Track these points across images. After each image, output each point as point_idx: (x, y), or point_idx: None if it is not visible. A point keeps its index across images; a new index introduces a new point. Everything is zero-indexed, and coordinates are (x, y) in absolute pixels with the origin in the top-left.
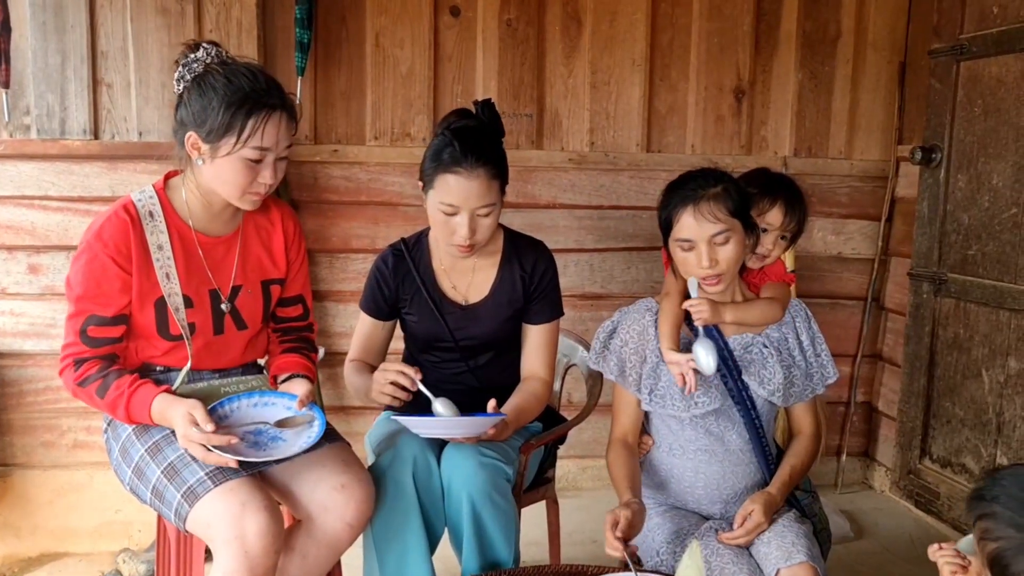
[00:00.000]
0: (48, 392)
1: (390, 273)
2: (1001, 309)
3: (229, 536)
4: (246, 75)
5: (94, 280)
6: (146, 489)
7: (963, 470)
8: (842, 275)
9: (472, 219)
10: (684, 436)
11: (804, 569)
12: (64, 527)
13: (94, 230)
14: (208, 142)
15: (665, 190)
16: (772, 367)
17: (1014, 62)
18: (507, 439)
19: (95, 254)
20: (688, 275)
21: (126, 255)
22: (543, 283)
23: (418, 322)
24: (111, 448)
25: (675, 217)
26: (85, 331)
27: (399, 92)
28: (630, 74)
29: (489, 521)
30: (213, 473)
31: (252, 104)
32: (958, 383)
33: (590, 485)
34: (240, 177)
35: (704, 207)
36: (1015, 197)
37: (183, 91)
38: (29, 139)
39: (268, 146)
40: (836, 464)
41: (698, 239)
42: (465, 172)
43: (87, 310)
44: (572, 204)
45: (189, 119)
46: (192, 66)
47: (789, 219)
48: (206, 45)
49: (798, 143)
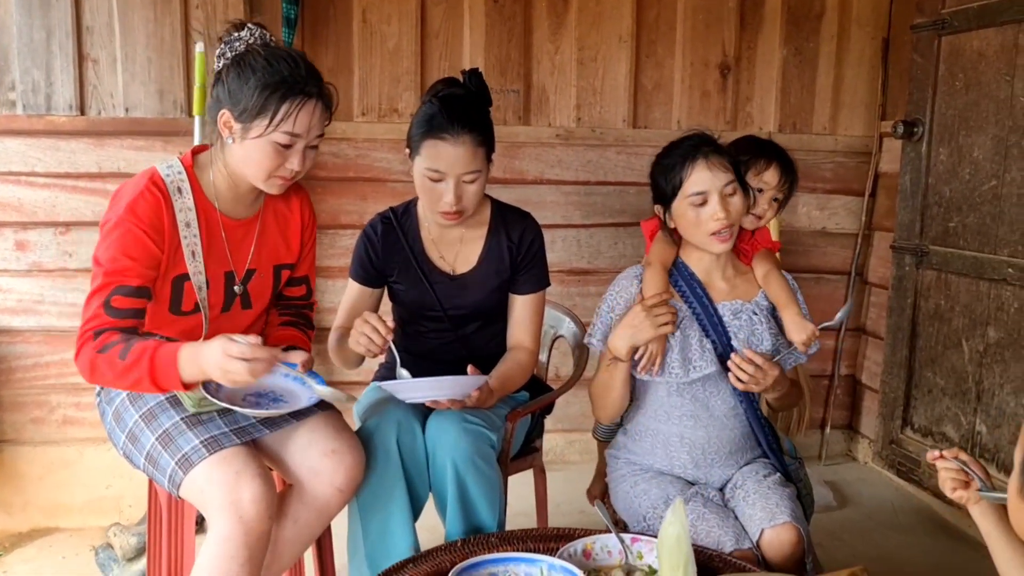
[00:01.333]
0: (37, 369)
1: (379, 240)
2: (981, 280)
3: (224, 503)
4: (287, 60)
5: (125, 252)
6: (140, 455)
7: (943, 439)
8: (826, 250)
9: (458, 186)
10: (670, 402)
11: (787, 529)
12: (54, 503)
13: (125, 203)
14: (240, 121)
15: (661, 156)
16: (761, 333)
17: (994, 35)
18: (492, 407)
19: (128, 227)
20: (701, 233)
21: (159, 230)
22: (530, 253)
23: (406, 291)
24: (104, 412)
25: (687, 174)
26: (109, 302)
27: (386, 68)
28: (616, 50)
29: (473, 486)
30: (207, 441)
31: (288, 88)
32: (939, 353)
33: (577, 458)
34: (268, 160)
35: (714, 159)
36: (995, 170)
37: (222, 68)
38: (15, 115)
39: (299, 132)
40: (820, 436)
41: (712, 189)
42: (451, 139)
43: (113, 282)
44: (559, 180)
45: (224, 97)
46: (234, 44)
47: (784, 179)
48: (251, 26)
49: (783, 119)
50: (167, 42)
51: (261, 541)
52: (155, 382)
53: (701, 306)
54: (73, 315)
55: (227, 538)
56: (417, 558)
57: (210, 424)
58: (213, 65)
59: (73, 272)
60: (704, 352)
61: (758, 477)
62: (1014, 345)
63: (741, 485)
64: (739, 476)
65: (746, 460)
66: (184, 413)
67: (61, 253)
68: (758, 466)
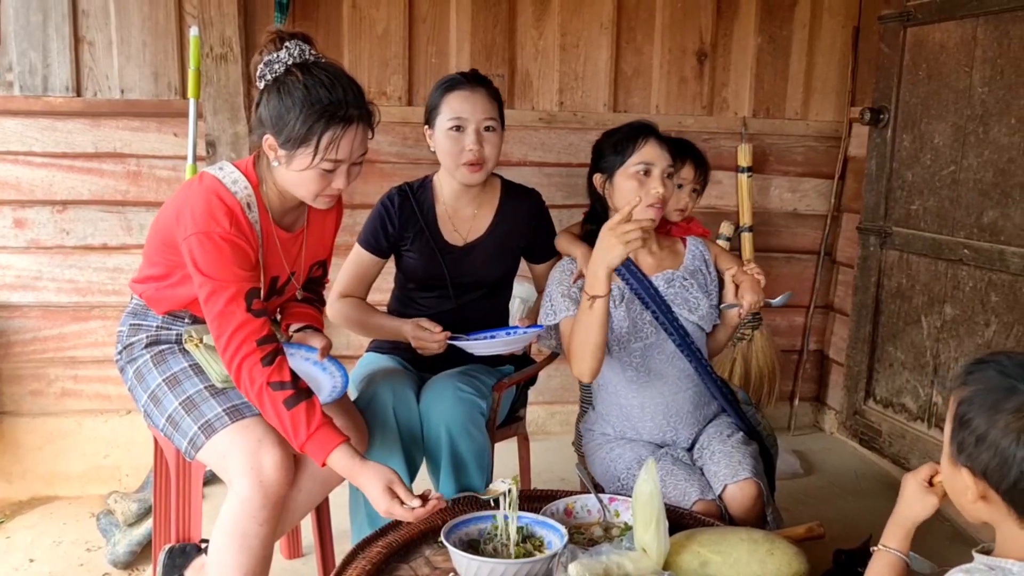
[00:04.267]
0: (35, 343)
1: (396, 211)
2: (939, 260)
3: (246, 467)
4: (325, 85)
5: (235, 262)
6: (161, 416)
7: (903, 409)
8: (797, 230)
9: (479, 133)
10: (626, 376)
11: (748, 484)
12: (53, 472)
13: (212, 219)
14: (285, 149)
15: (612, 132)
16: (696, 296)
17: (955, 28)
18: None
19: (228, 241)
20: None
21: (248, 239)
22: (543, 227)
23: (417, 259)
24: (124, 370)
25: (638, 147)
26: (251, 307)
27: (375, 52)
28: (598, 36)
29: (465, 451)
30: (229, 410)
31: (329, 118)
32: (900, 329)
33: (558, 429)
34: (315, 185)
35: (663, 141)
36: (953, 156)
37: (264, 90)
38: (12, 96)
39: (343, 158)
40: (789, 408)
41: (657, 163)
42: (468, 88)
43: (243, 288)
44: (542, 162)
45: (268, 121)
46: (274, 66)
47: (698, 173)
48: (289, 45)
49: (757, 104)
50: (161, 25)
51: (279, 503)
52: (299, 447)
53: (636, 280)
54: (71, 291)
55: (248, 498)
56: None
57: (231, 394)
58: (255, 80)
59: (70, 249)
60: (644, 324)
61: (722, 437)
62: (968, 322)
63: (707, 445)
64: (705, 437)
65: (707, 418)
66: (207, 382)
67: (58, 231)
68: (722, 426)
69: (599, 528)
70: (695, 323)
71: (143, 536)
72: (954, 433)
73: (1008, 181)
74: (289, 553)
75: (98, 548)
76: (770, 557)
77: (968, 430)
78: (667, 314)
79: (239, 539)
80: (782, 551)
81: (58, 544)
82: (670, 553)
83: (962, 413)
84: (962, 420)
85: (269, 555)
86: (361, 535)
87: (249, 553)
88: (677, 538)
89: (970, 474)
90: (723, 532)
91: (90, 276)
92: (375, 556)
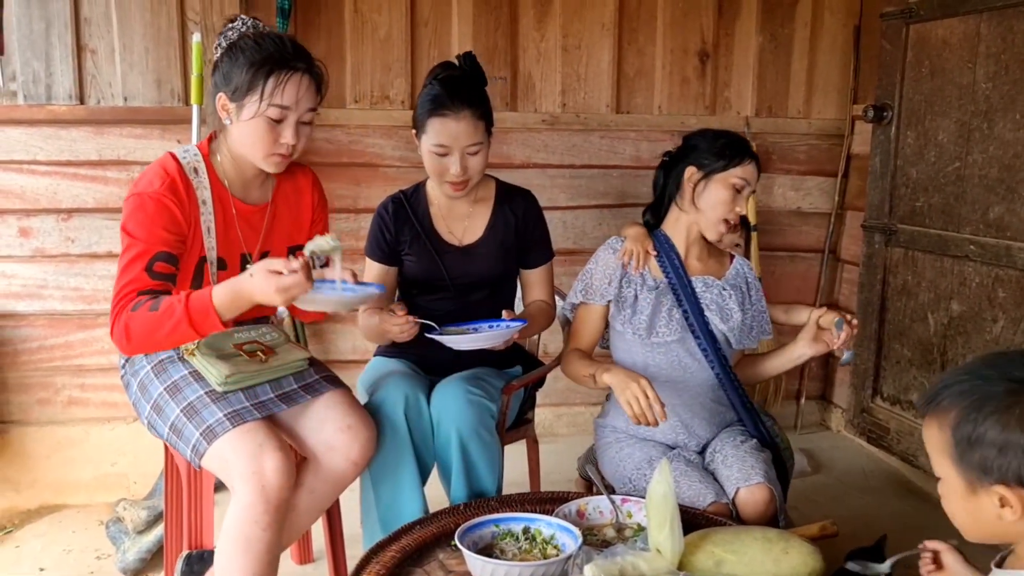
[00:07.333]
0: (42, 351)
1: (390, 219)
2: (945, 256)
3: (247, 472)
4: (274, 40)
5: (157, 222)
6: (164, 425)
7: (910, 406)
8: (801, 229)
9: (463, 157)
10: (648, 371)
11: (760, 489)
12: (62, 480)
13: (148, 181)
14: (234, 100)
15: (720, 134)
16: (731, 306)
17: (958, 24)
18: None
19: (157, 199)
20: (716, 216)
21: (182, 201)
22: (536, 229)
23: (416, 262)
24: (129, 384)
25: (744, 162)
26: (152, 266)
27: (378, 56)
28: (600, 38)
29: (476, 454)
30: (230, 415)
31: (274, 64)
32: (906, 326)
33: (565, 431)
34: (264, 137)
35: (756, 164)
36: (957, 152)
37: (217, 58)
38: (16, 105)
39: (288, 104)
40: (796, 407)
41: (750, 186)
42: (452, 115)
43: (153, 248)
44: (545, 164)
45: (220, 80)
46: (227, 34)
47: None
48: (243, 17)
49: (759, 103)
50: (164, 32)
51: (282, 508)
52: (192, 325)
53: (677, 276)
54: (76, 299)
55: (251, 504)
56: (425, 520)
57: (232, 399)
58: (212, 56)
59: (75, 258)
60: (671, 320)
61: (735, 442)
62: (975, 318)
63: (720, 450)
64: (717, 441)
65: (722, 424)
66: (207, 388)
67: (63, 239)
68: (735, 432)
69: (612, 529)
70: (724, 332)
71: (153, 543)
72: (964, 459)
73: (1013, 177)
74: (300, 558)
75: (108, 556)
76: (785, 556)
77: (983, 445)
78: (698, 316)
79: (243, 544)
80: (797, 550)
81: (68, 552)
82: (684, 553)
83: (965, 435)
84: (970, 441)
85: (275, 560)
86: (373, 539)
87: (254, 558)
88: (691, 538)
89: (1006, 488)
90: (737, 531)
91: (96, 284)
92: (388, 561)
